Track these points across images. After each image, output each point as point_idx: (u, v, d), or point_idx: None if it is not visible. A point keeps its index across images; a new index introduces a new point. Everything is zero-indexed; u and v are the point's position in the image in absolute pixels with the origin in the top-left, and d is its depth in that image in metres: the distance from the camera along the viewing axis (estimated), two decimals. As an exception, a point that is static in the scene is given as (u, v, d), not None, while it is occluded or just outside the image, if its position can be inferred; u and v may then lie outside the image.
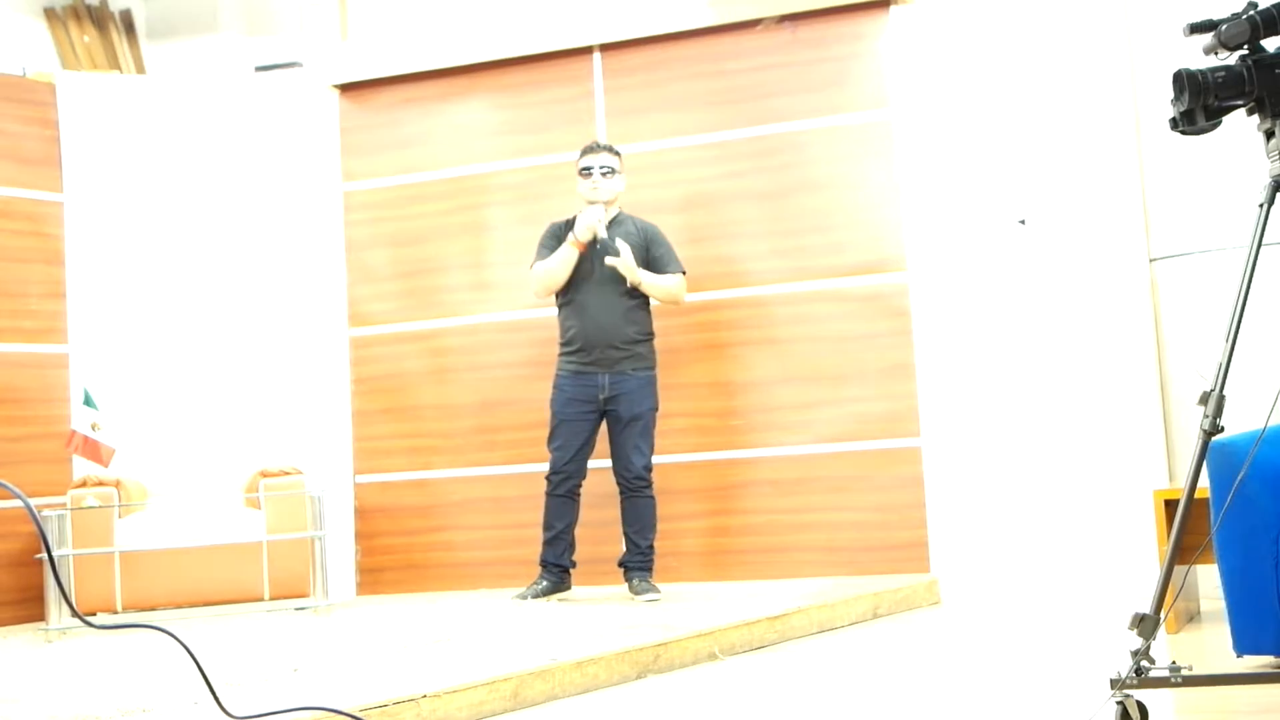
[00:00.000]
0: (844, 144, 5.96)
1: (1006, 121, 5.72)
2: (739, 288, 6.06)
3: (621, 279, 5.44)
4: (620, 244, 5.43)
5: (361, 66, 6.65)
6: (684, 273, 5.60)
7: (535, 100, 6.43)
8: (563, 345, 5.57)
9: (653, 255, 5.53)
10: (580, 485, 5.55)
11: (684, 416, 6.07)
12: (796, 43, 6.05)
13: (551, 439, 5.55)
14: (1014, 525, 5.59)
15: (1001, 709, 3.32)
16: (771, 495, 5.96)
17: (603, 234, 5.42)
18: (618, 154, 5.57)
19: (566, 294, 5.55)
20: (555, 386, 5.57)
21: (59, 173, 6.34)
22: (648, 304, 5.57)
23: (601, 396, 5.46)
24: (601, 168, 5.50)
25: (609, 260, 5.40)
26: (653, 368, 5.55)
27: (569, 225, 5.53)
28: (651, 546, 5.49)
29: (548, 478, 5.55)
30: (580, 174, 5.55)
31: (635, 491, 5.46)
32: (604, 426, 5.53)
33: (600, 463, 5.57)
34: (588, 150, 5.57)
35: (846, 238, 5.93)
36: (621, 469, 5.48)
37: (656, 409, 5.54)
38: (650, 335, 5.57)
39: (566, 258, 5.47)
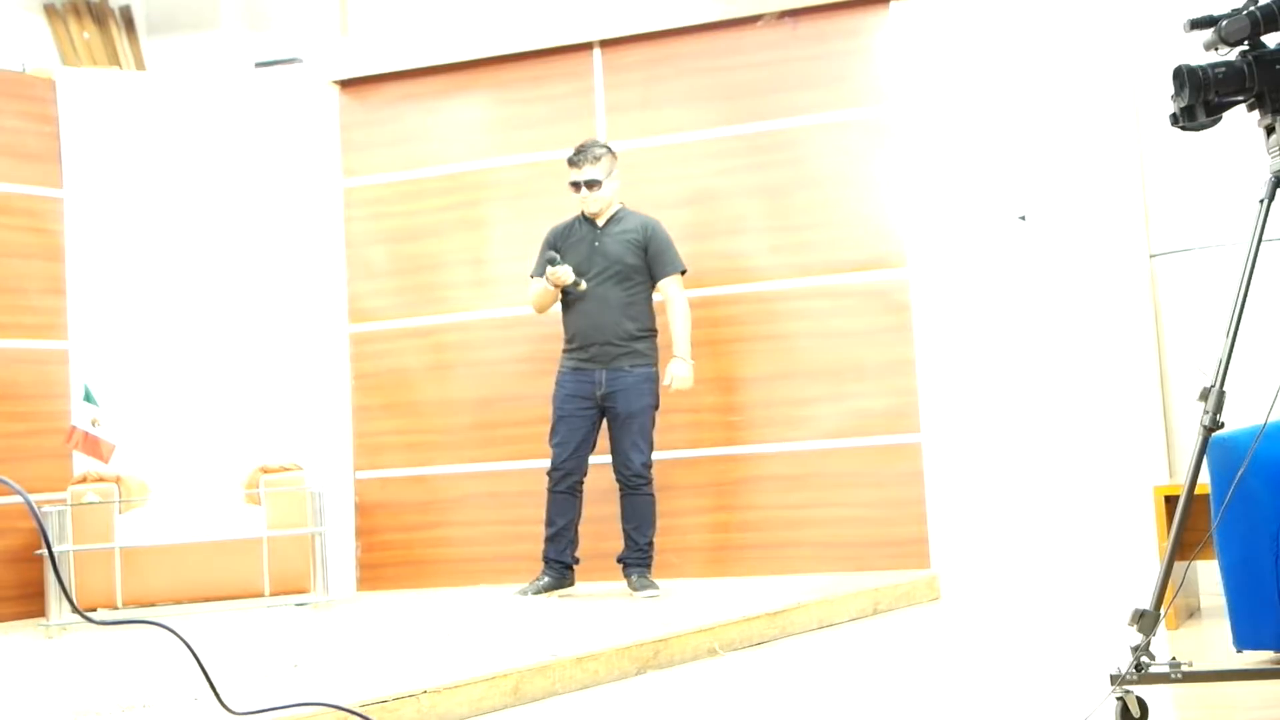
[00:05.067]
0: (844, 140, 5.95)
1: (1007, 117, 5.72)
2: (739, 283, 6.06)
3: (620, 274, 5.46)
4: (672, 370, 5.48)
5: (361, 62, 6.65)
6: (683, 270, 5.59)
7: (536, 96, 6.42)
8: (565, 341, 5.59)
9: (651, 253, 5.52)
10: (581, 481, 5.55)
11: (685, 412, 6.07)
12: (797, 38, 6.05)
13: (552, 435, 5.56)
14: (1014, 521, 5.59)
15: (1002, 705, 3.32)
16: (772, 491, 5.96)
17: (570, 281, 5.46)
18: (600, 158, 5.51)
19: (567, 291, 5.56)
20: (556, 383, 5.58)
21: (59, 169, 6.33)
22: (648, 299, 5.56)
23: (599, 393, 5.46)
24: (588, 182, 5.50)
25: (674, 388, 5.50)
26: (653, 364, 5.52)
27: (565, 231, 5.59)
28: (650, 543, 5.49)
29: (549, 474, 5.55)
30: (570, 186, 5.56)
31: (634, 489, 5.46)
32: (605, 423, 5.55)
33: (603, 458, 5.57)
34: (572, 163, 5.55)
35: (847, 233, 5.92)
36: (620, 466, 5.48)
37: (656, 406, 5.53)
38: (651, 331, 5.55)
39: (543, 291, 5.56)
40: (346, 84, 6.70)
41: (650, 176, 6.17)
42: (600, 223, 5.56)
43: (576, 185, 5.52)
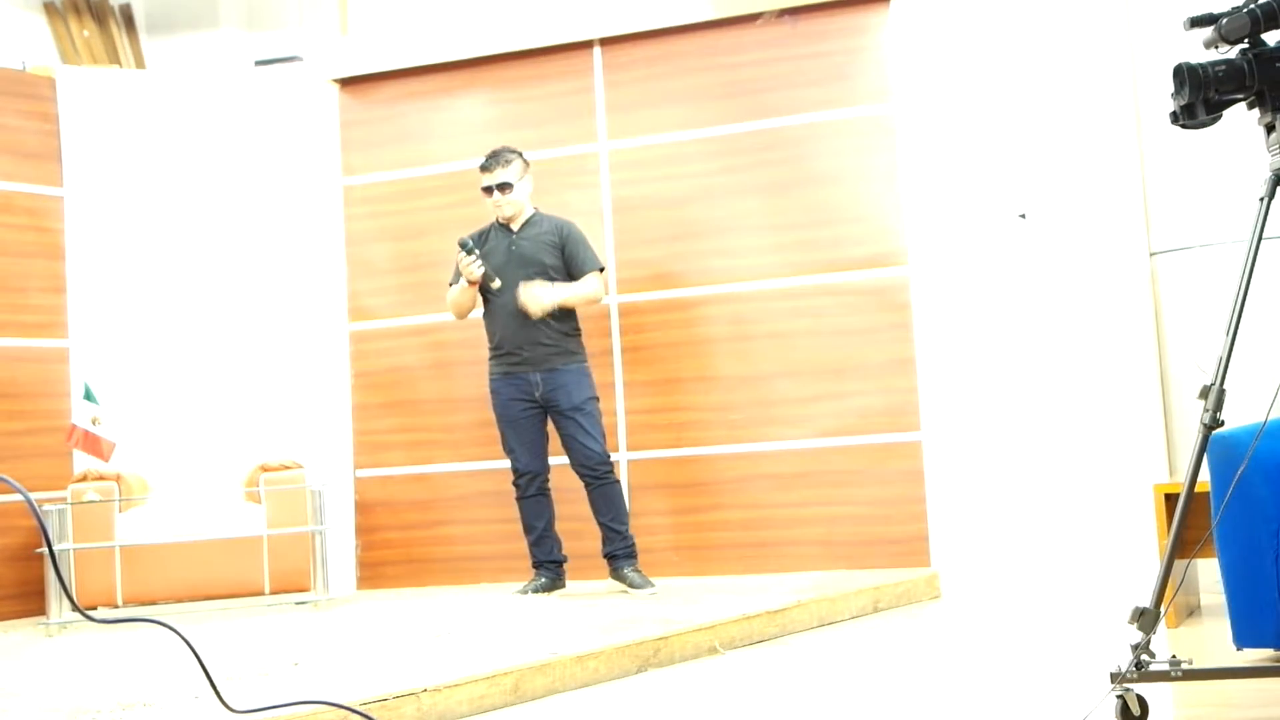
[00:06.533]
0: (845, 138, 5.95)
1: (1007, 115, 5.71)
2: (739, 282, 6.06)
3: (539, 275, 5.46)
4: (524, 289, 5.42)
5: (361, 61, 6.65)
6: (601, 269, 5.60)
7: (535, 95, 6.42)
8: (490, 349, 5.61)
9: (567, 254, 5.53)
10: (547, 481, 5.58)
11: (684, 410, 6.07)
12: (797, 37, 6.05)
13: (504, 443, 5.60)
14: (1014, 519, 5.59)
15: (1002, 703, 3.33)
16: (772, 489, 5.96)
17: (478, 274, 5.47)
18: (511, 162, 5.54)
19: (486, 298, 5.59)
20: (491, 392, 5.61)
21: (59, 167, 6.33)
22: None
23: (537, 394, 5.48)
24: (499, 185, 5.52)
25: (524, 305, 5.40)
26: (584, 360, 5.57)
27: (475, 240, 5.57)
28: (630, 531, 5.51)
29: (514, 483, 5.59)
30: (482, 191, 5.57)
31: (599, 479, 5.48)
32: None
33: (558, 459, 5.59)
34: (483, 169, 5.58)
35: (847, 232, 5.92)
36: (579, 461, 5.48)
37: (596, 398, 5.56)
38: (575, 330, 5.57)
39: (460, 290, 5.60)
40: (346, 82, 6.70)
41: (650, 175, 6.16)
42: (515, 227, 5.59)
43: (489, 190, 5.55)
